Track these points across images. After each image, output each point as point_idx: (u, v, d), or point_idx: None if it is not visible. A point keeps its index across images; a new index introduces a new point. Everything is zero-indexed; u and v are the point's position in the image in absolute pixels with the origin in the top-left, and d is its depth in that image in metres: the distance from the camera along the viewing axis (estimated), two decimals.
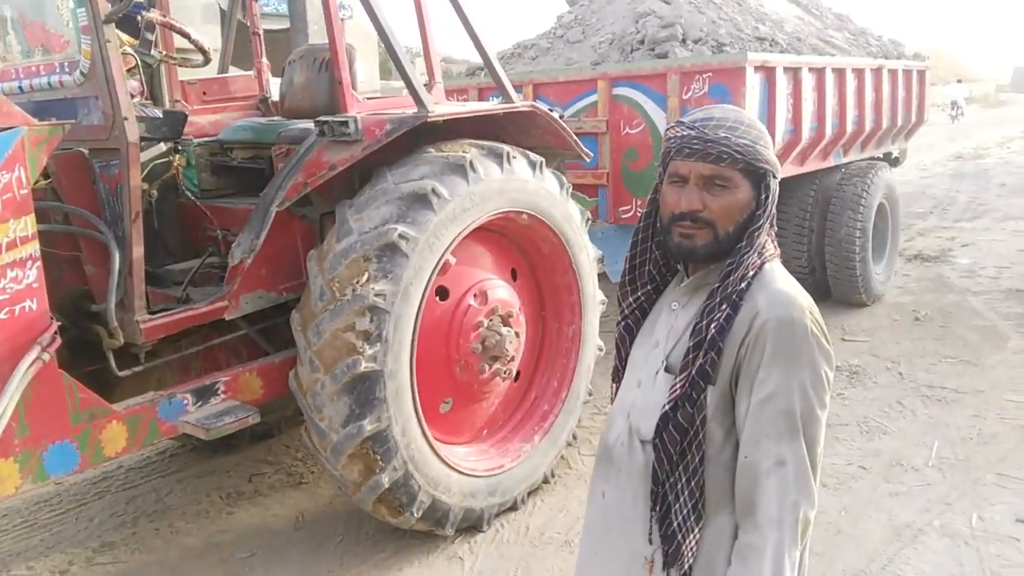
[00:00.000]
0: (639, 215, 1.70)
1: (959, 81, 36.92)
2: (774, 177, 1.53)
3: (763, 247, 1.53)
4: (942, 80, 37.41)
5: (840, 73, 6.14)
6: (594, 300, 4.09)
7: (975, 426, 4.49)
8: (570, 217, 3.87)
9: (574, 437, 4.17)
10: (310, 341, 3.13)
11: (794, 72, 5.54)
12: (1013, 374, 5.23)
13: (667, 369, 1.56)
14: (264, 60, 4.70)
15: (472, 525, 3.60)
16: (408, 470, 3.22)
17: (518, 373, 3.89)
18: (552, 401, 4.00)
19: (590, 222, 4.14)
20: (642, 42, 5.78)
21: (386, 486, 3.18)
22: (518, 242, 3.91)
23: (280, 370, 3.40)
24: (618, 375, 1.75)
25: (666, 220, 1.55)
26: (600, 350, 4.21)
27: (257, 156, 3.89)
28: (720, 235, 1.51)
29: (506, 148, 3.56)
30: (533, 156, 3.73)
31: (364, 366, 3.02)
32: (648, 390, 1.59)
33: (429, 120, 3.30)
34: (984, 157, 18.28)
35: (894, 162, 7.84)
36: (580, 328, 4.05)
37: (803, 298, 1.50)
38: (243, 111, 4.53)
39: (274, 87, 4.66)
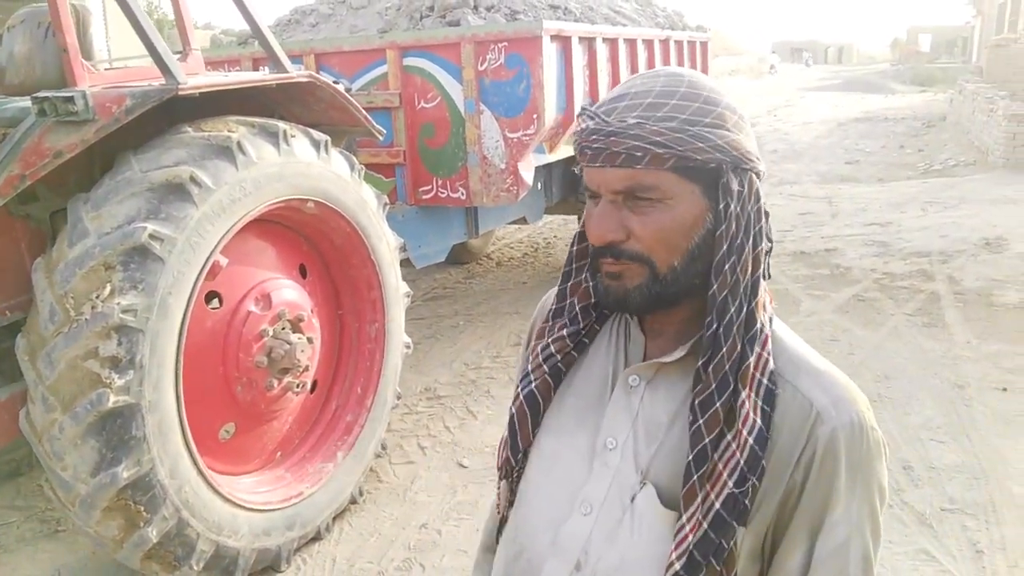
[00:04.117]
0: (441, 195, 1.17)
1: (773, 52, 51.90)
2: (742, 170, 0.98)
3: (754, 288, 0.99)
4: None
5: (632, 44, 6.11)
6: (397, 293, 3.69)
7: None
8: (364, 203, 3.42)
9: (383, 447, 3.77)
10: (41, 373, 2.50)
11: (589, 42, 5.39)
12: (809, 336, 5.40)
13: (663, 500, 0.99)
14: None
15: (269, 566, 3.11)
16: (182, 517, 2.68)
17: (314, 383, 3.42)
18: (356, 410, 3.56)
19: (388, 207, 3.71)
20: (432, 9, 5.38)
21: (155, 540, 2.63)
22: (305, 234, 3.42)
23: (9, 409, 2.73)
24: (512, 471, 1.15)
25: (591, 254, 1.05)
26: (408, 348, 3.83)
27: None
28: (660, 273, 0.98)
29: (283, 126, 3.05)
30: (316, 134, 3.24)
31: (113, 400, 2.44)
32: (613, 524, 1.02)
33: (181, 93, 2.73)
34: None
35: None
36: (383, 326, 3.63)
37: (850, 380, 1.02)
38: None
39: None
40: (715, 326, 0.97)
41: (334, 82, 3.58)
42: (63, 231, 2.63)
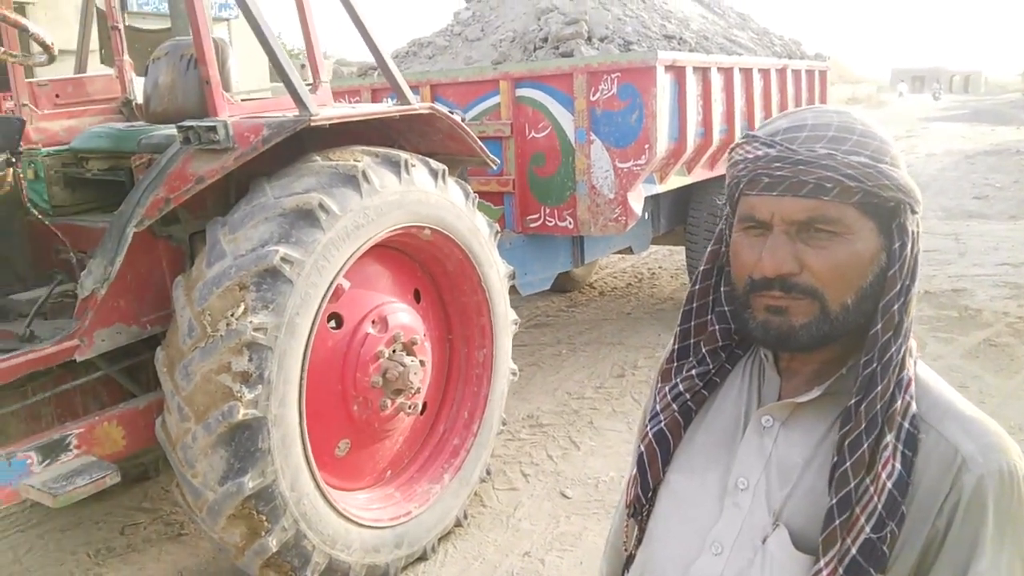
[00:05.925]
0: (549, 224, 1.15)
1: (901, 82, 58.84)
2: (913, 211, 0.98)
3: (908, 331, 0.98)
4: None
5: (747, 73, 6.03)
6: (506, 320, 3.75)
7: None
8: (477, 231, 3.51)
9: (488, 472, 3.81)
10: (178, 385, 2.67)
11: (703, 72, 5.36)
12: None
13: (796, 543, 0.97)
14: (126, 58, 4.19)
15: None
16: (300, 529, 2.79)
17: (424, 405, 3.50)
18: (463, 434, 3.63)
19: (499, 235, 3.79)
20: (545, 40, 5.48)
21: (274, 549, 2.75)
22: (420, 260, 3.53)
23: (146, 416, 2.93)
24: (641, 508, 1.14)
25: (742, 287, 1.01)
26: (514, 375, 3.88)
27: (116, 167, 3.41)
28: (832, 311, 0.96)
29: (404, 155, 3.17)
30: (434, 164, 3.35)
31: (243, 413, 2.58)
32: (744, 565, 1.00)
33: (313, 124, 2.88)
34: None
35: None
36: (491, 352, 3.69)
37: (1002, 428, 0.98)
38: (103, 115, 4.00)
39: (139, 88, 4.16)
40: (874, 366, 0.95)
41: (450, 112, 3.71)
42: (201, 252, 2.81)
